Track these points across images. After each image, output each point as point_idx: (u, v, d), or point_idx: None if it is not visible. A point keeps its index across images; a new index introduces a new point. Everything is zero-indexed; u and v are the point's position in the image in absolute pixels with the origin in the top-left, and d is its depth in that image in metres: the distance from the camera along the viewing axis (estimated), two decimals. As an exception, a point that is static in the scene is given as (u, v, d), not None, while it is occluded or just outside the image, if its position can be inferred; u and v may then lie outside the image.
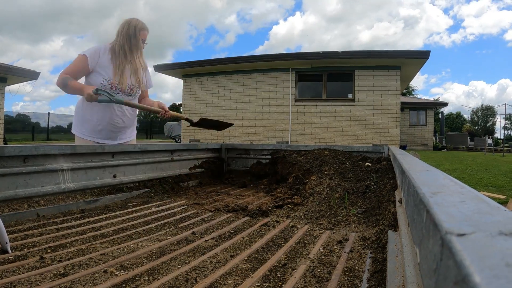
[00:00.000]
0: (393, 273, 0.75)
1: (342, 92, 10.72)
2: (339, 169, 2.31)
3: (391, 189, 1.60)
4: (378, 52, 10.28)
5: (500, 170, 8.08)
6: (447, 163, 9.59)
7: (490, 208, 0.35)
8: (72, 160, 1.69)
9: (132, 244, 1.15)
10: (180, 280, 0.87)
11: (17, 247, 1.09)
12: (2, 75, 10.83)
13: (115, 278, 0.87)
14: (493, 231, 0.27)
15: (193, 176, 2.56)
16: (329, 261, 1.03)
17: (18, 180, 1.45)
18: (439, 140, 23.33)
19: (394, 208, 1.24)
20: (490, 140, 24.87)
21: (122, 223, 1.44)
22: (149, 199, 1.97)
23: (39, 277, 0.86)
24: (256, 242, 1.21)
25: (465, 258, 0.22)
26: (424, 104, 20.74)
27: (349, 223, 1.47)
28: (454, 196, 0.43)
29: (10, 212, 1.39)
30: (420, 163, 1.04)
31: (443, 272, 0.26)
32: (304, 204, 1.83)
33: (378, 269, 0.92)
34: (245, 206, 1.82)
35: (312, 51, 10.64)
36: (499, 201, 4.17)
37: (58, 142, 17.80)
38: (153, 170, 2.20)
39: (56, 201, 1.59)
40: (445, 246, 0.26)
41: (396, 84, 10.07)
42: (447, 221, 0.30)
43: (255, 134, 11.26)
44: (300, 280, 0.89)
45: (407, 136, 19.31)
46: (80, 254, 1.05)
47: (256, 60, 10.88)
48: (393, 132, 10.09)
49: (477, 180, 6.22)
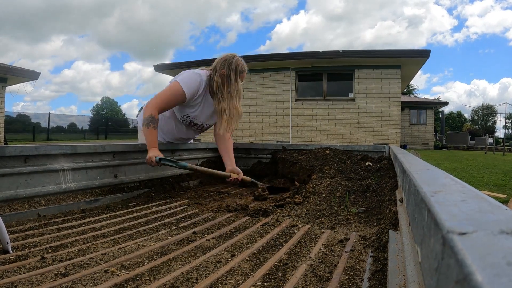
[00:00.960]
0: (394, 272, 0.75)
1: (343, 91, 10.72)
2: (339, 169, 2.31)
3: (392, 188, 1.60)
4: (379, 51, 10.28)
5: (500, 169, 8.07)
6: (447, 162, 9.59)
7: (491, 207, 0.35)
8: (73, 160, 1.69)
9: (133, 244, 1.15)
10: (181, 280, 0.87)
11: (18, 247, 1.09)
12: (2, 76, 10.85)
13: (116, 278, 0.87)
14: (494, 230, 0.27)
15: (194, 176, 2.56)
16: (330, 260, 1.03)
17: (19, 180, 1.45)
18: (440, 139, 23.32)
19: (395, 207, 1.24)
20: (491, 139, 24.86)
21: (123, 222, 1.44)
22: (150, 198, 1.98)
23: (40, 277, 0.87)
24: (257, 241, 1.21)
25: (466, 257, 0.22)
26: (425, 103, 20.74)
27: (350, 223, 1.47)
28: (455, 195, 0.43)
29: (11, 212, 1.39)
30: (420, 162, 1.04)
31: (445, 271, 0.26)
32: (305, 203, 1.83)
33: (379, 268, 0.92)
34: (246, 205, 1.82)
35: (313, 51, 10.64)
36: (500, 200, 4.17)
37: (58, 142, 17.82)
38: (154, 170, 2.20)
39: (57, 201, 1.59)
40: (447, 245, 0.26)
41: (397, 84, 10.07)
42: (448, 220, 0.30)
43: (256, 133, 11.27)
44: (301, 280, 0.89)
45: (408, 136, 19.32)
46: (81, 254, 1.05)
47: (256, 60, 10.89)
48: (393, 132, 10.09)
49: (478, 179, 6.22)
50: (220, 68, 2.09)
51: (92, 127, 30.86)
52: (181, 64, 12.16)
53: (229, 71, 2.08)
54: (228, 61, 2.09)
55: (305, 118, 10.82)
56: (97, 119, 38.50)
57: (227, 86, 2.08)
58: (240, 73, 2.12)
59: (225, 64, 2.08)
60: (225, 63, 2.09)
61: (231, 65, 2.08)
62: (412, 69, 10.99)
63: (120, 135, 30.56)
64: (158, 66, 12.37)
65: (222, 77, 2.08)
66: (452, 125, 49.32)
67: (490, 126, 51.48)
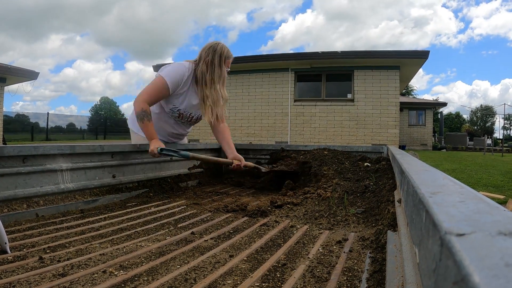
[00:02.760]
0: (392, 273, 0.75)
1: (341, 92, 10.72)
2: (338, 169, 2.31)
3: (390, 189, 1.60)
4: (377, 52, 10.29)
5: (499, 170, 8.09)
6: (446, 163, 9.60)
7: (489, 208, 0.35)
8: (71, 160, 1.69)
9: (131, 244, 1.15)
10: (179, 280, 0.87)
11: (16, 247, 1.09)
12: (1, 75, 10.82)
13: (114, 278, 0.87)
14: (492, 231, 0.27)
15: (192, 176, 2.56)
16: (328, 261, 1.03)
17: (17, 180, 1.45)
18: (438, 140, 23.36)
19: (393, 208, 1.24)
20: (489, 140, 24.90)
21: (121, 223, 1.44)
22: (148, 199, 1.97)
23: (38, 277, 0.86)
24: (255, 242, 1.21)
25: (464, 258, 0.22)
26: (423, 104, 20.78)
27: (348, 223, 1.47)
28: (453, 196, 0.43)
29: (9, 212, 1.38)
30: (419, 163, 1.04)
31: (443, 272, 0.26)
32: (303, 204, 1.83)
33: (377, 269, 0.92)
34: (244, 206, 1.81)
35: (311, 51, 10.64)
36: (498, 201, 4.18)
37: (57, 142, 17.79)
38: (152, 170, 2.20)
39: (55, 201, 1.59)
40: (445, 246, 0.26)
41: (395, 84, 10.08)
42: (447, 221, 0.30)
43: (254, 134, 11.26)
44: (300, 280, 0.89)
45: (406, 136, 19.34)
46: (79, 254, 1.05)
47: (255, 60, 10.88)
48: (392, 132, 10.10)
49: (476, 180, 6.23)
50: (205, 56, 2.11)
51: (90, 127, 30.81)
52: (180, 64, 12.16)
53: (213, 57, 2.10)
54: (213, 48, 2.12)
55: (304, 119, 10.83)
56: (95, 119, 38.42)
57: (211, 72, 2.10)
58: (226, 59, 2.14)
59: (210, 51, 2.11)
60: (209, 51, 2.11)
61: (215, 52, 2.10)
62: (411, 70, 11.01)
63: (119, 135, 30.50)
64: (157, 67, 12.35)
65: (206, 64, 2.10)
66: (451, 126, 49.42)
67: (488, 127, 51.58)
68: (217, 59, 2.10)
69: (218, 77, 2.12)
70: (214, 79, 2.11)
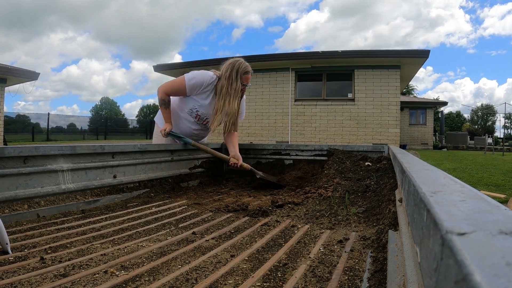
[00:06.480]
0: (394, 273, 0.75)
1: (342, 91, 10.71)
2: (339, 169, 2.31)
3: (391, 189, 1.60)
4: (378, 51, 10.28)
5: (500, 169, 8.08)
6: (447, 162, 9.60)
7: (490, 207, 0.35)
8: (72, 160, 1.69)
9: (133, 244, 1.15)
10: (180, 280, 0.87)
11: (17, 247, 1.09)
12: (1, 76, 10.84)
13: (116, 279, 0.87)
14: (493, 230, 0.27)
15: (193, 176, 2.56)
16: (330, 260, 1.03)
17: (18, 181, 1.45)
18: (439, 139, 23.33)
19: (394, 208, 1.24)
20: (490, 139, 24.87)
21: (123, 223, 1.44)
22: (149, 199, 1.97)
23: (39, 278, 0.86)
24: (256, 242, 1.21)
25: (465, 257, 0.22)
26: (424, 103, 20.74)
27: (350, 223, 1.47)
28: (454, 195, 0.43)
29: (10, 213, 1.39)
30: (420, 162, 1.04)
31: (444, 271, 0.26)
32: (305, 203, 1.83)
33: (378, 269, 0.92)
34: (245, 206, 1.81)
35: (312, 51, 10.63)
36: (499, 200, 4.18)
37: (58, 142, 17.80)
38: (153, 170, 2.20)
39: (56, 201, 1.59)
40: (446, 245, 0.26)
41: (396, 84, 10.07)
42: (448, 220, 0.30)
43: (255, 134, 11.26)
44: (301, 280, 0.89)
45: (407, 136, 19.31)
46: (80, 254, 1.05)
47: (256, 60, 10.87)
48: (393, 132, 10.09)
49: (477, 179, 6.22)
50: (225, 71, 2.36)
51: (91, 127, 30.80)
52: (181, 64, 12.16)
53: (232, 73, 2.34)
54: (232, 64, 2.35)
55: (304, 118, 10.82)
56: (96, 119, 38.39)
57: (227, 87, 2.33)
58: (243, 74, 2.35)
59: (229, 67, 2.35)
60: (228, 66, 2.35)
61: (233, 67, 2.34)
62: (411, 69, 10.99)
63: (120, 135, 30.51)
64: (157, 67, 12.35)
65: (225, 78, 2.34)
66: (452, 125, 49.36)
67: (489, 126, 51.51)
68: (234, 74, 2.33)
69: (234, 91, 2.34)
70: (230, 93, 2.34)
